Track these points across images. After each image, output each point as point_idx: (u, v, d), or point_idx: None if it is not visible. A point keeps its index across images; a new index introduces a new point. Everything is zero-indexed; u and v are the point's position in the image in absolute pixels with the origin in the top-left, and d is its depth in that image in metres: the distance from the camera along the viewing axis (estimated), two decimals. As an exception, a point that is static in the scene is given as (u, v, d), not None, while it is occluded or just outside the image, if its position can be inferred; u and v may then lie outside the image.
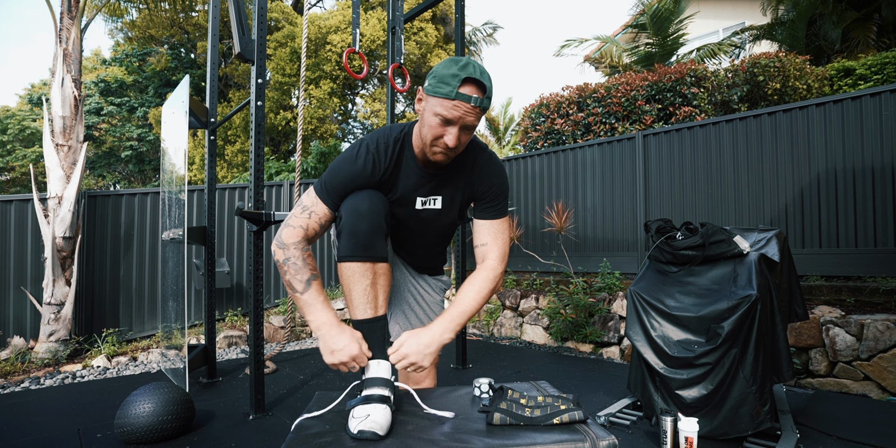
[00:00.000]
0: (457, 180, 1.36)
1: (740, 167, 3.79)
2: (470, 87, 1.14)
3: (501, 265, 1.36)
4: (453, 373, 3.29)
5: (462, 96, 1.13)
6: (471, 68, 1.14)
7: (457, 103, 1.14)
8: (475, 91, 1.15)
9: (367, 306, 1.23)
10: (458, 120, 1.16)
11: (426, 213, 1.38)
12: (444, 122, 1.17)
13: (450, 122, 1.16)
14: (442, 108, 1.15)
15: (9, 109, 14.27)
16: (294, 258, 1.23)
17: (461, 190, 1.37)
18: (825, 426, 2.20)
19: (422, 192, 1.34)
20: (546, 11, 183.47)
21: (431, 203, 1.36)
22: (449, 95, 1.14)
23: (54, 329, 3.89)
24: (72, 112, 4.19)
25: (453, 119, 1.16)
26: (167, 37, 10.50)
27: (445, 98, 1.14)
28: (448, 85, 1.14)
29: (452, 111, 1.15)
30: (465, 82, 1.14)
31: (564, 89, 5.90)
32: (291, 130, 9.20)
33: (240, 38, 2.66)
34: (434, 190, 1.35)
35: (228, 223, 5.11)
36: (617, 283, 4.07)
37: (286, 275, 1.23)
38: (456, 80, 1.13)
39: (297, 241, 1.25)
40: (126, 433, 2.16)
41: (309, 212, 1.28)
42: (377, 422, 1.02)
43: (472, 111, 1.16)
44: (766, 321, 2.00)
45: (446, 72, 1.15)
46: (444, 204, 1.37)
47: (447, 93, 1.14)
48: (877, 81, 5.36)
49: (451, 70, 1.14)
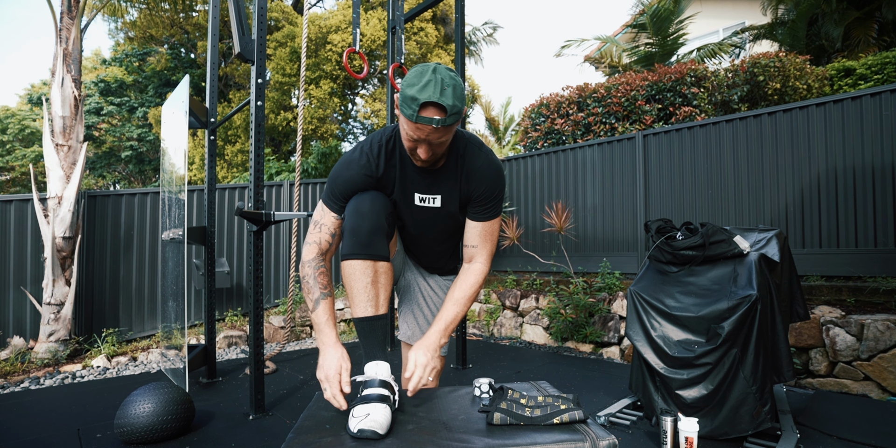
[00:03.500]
0: (452, 178, 1.36)
1: (740, 167, 3.79)
2: (430, 109, 1.12)
3: (488, 266, 1.42)
4: (453, 373, 3.29)
5: (423, 119, 1.12)
6: (430, 90, 1.10)
7: (419, 126, 1.14)
8: (436, 113, 1.12)
9: (367, 304, 1.24)
10: (424, 139, 1.18)
11: (426, 211, 1.39)
12: (411, 139, 1.20)
13: (417, 140, 1.19)
14: (408, 126, 1.17)
15: (9, 109, 14.28)
16: (307, 277, 1.32)
17: (457, 188, 1.38)
18: (825, 426, 2.20)
19: (419, 189, 1.36)
20: (546, 11, 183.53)
21: (430, 201, 1.37)
22: (411, 118, 1.13)
23: (54, 329, 3.89)
24: (72, 112, 4.19)
25: (419, 138, 1.18)
26: (167, 37, 10.50)
27: (409, 120, 1.14)
28: (409, 108, 1.12)
29: (417, 132, 1.16)
30: (423, 106, 1.12)
31: (564, 89, 5.90)
32: (292, 130, 9.20)
33: (240, 37, 2.65)
34: (431, 187, 1.36)
35: (228, 223, 5.11)
36: (617, 283, 4.06)
37: (303, 292, 1.32)
38: (415, 105, 1.11)
39: (313, 257, 1.33)
40: (126, 433, 2.16)
41: (319, 226, 1.34)
42: (377, 420, 1.02)
43: (435, 131, 1.15)
44: (766, 321, 2.00)
45: (408, 93, 1.12)
46: (443, 201, 1.38)
47: (409, 115, 1.13)
48: (877, 81, 5.36)
49: (411, 91, 1.11)
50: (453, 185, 1.36)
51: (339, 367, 1.20)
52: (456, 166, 1.35)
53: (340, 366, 1.20)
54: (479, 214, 1.37)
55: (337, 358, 1.22)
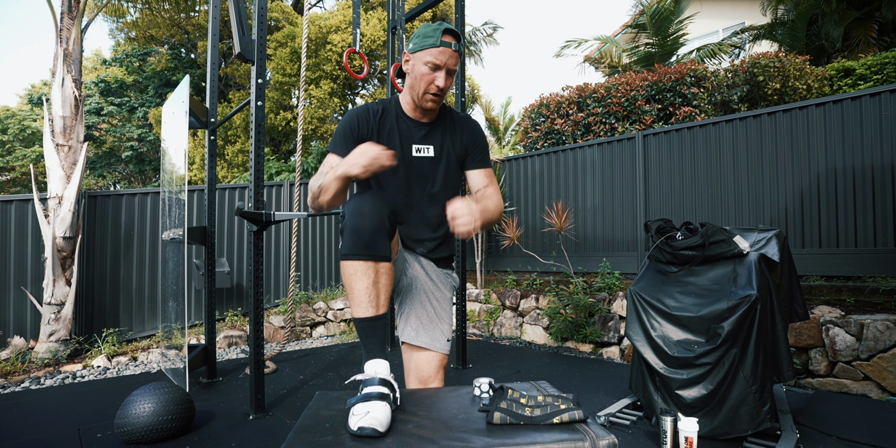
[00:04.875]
0: (443, 130, 1.55)
1: (740, 167, 3.79)
2: (448, 36, 1.41)
3: (500, 198, 1.55)
4: (453, 373, 3.30)
5: (445, 43, 1.40)
6: (444, 25, 1.42)
7: (442, 49, 1.40)
8: (453, 39, 1.41)
9: (368, 305, 1.24)
10: (444, 64, 1.40)
11: (422, 161, 1.53)
12: (433, 68, 1.41)
13: (438, 68, 1.41)
14: (430, 56, 1.40)
15: (9, 109, 14.28)
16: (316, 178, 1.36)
17: (448, 139, 1.55)
18: (825, 426, 2.20)
19: (416, 140, 1.52)
20: (546, 12, 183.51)
21: (425, 151, 1.53)
22: (435, 44, 1.39)
23: (54, 329, 3.89)
24: (72, 112, 4.19)
25: (440, 64, 1.40)
26: (167, 37, 10.51)
27: (432, 47, 1.39)
28: (432, 37, 1.39)
29: (440, 56, 1.40)
30: (444, 33, 1.40)
31: (564, 89, 5.90)
32: (292, 130, 9.21)
33: (240, 38, 2.66)
34: (425, 138, 1.53)
35: (228, 223, 5.11)
36: (617, 283, 4.07)
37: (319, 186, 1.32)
38: (437, 33, 1.39)
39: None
40: (126, 433, 2.16)
41: (329, 166, 1.39)
42: (377, 418, 1.02)
43: (454, 55, 1.42)
44: (766, 321, 2.00)
45: (427, 30, 1.41)
46: (436, 152, 1.54)
47: (433, 43, 1.39)
48: (877, 81, 5.36)
49: (429, 28, 1.41)
50: (443, 135, 1.55)
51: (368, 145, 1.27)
52: (444, 119, 1.57)
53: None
54: (479, 162, 1.58)
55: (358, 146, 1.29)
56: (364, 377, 1.18)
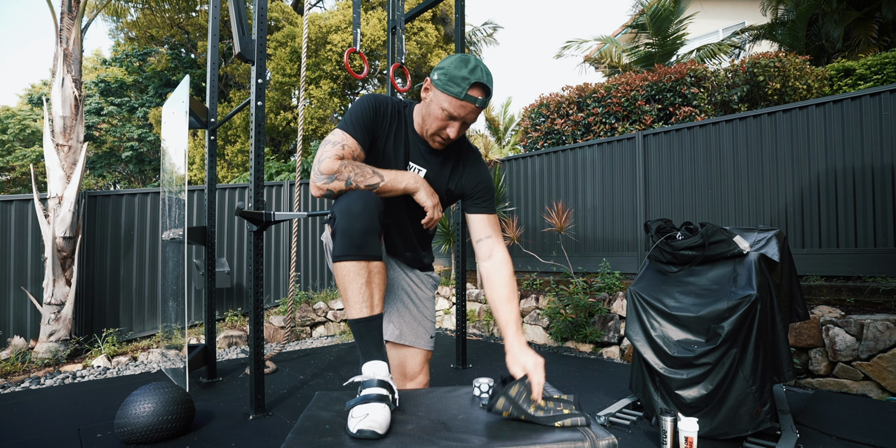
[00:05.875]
0: (445, 158, 1.45)
1: (740, 167, 3.79)
2: (477, 90, 1.27)
3: (508, 254, 1.45)
4: (453, 373, 3.29)
5: (470, 98, 1.26)
6: (479, 72, 1.26)
7: (464, 104, 1.27)
8: (481, 94, 1.27)
9: (362, 305, 1.23)
10: (462, 117, 1.30)
11: None
12: (449, 117, 1.30)
13: (454, 118, 1.30)
14: (449, 104, 1.28)
15: (9, 109, 14.28)
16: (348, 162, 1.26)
17: (448, 171, 1.45)
18: (825, 426, 2.20)
19: (415, 156, 1.44)
20: (546, 12, 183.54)
21: (418, 171, 1.44)
22: (458, 96, 1.25)
23: (54, 329, 3.89)
24: (72, 112, 4.19)
25: (458, 116, 1.29)
26: (167, 37, 10.50)
27: (454, 97, 1.26)
28: (458, 86, 1.25)
29: (459, 110, 1.28)
30: (473, 87, 1.26)
31: (564, 89, 5.90)
32: (292, 130, 9.20)
33: (240, 38, 2.66)
34: (424, 159, 1.43)
35: (228, 223, 5.11)
36: (617, 283, 4.06)
37: (350, 178, 1.25)
38: (466, 83, 1.24)
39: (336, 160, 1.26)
40: (126, 433, 2.16)
41: (341, 144, 1.29)
42: (376, 420, 1.02)
43: (475, 111, 1.30)
44: (766, 321, 2.00)
45: (457, 73, 1.25)
46: (427, 176, 1.44)
47: (456, 93, 1.25)
48: (877, 81, 5.36)
49: (462, 72, 1.25)
50: (444, 163, 1.45)
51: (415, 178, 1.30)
52: (454, 150, 1.46)
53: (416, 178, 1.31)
54: (484, 207, 1.46)
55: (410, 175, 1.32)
56: (362, 379, 1.18)
